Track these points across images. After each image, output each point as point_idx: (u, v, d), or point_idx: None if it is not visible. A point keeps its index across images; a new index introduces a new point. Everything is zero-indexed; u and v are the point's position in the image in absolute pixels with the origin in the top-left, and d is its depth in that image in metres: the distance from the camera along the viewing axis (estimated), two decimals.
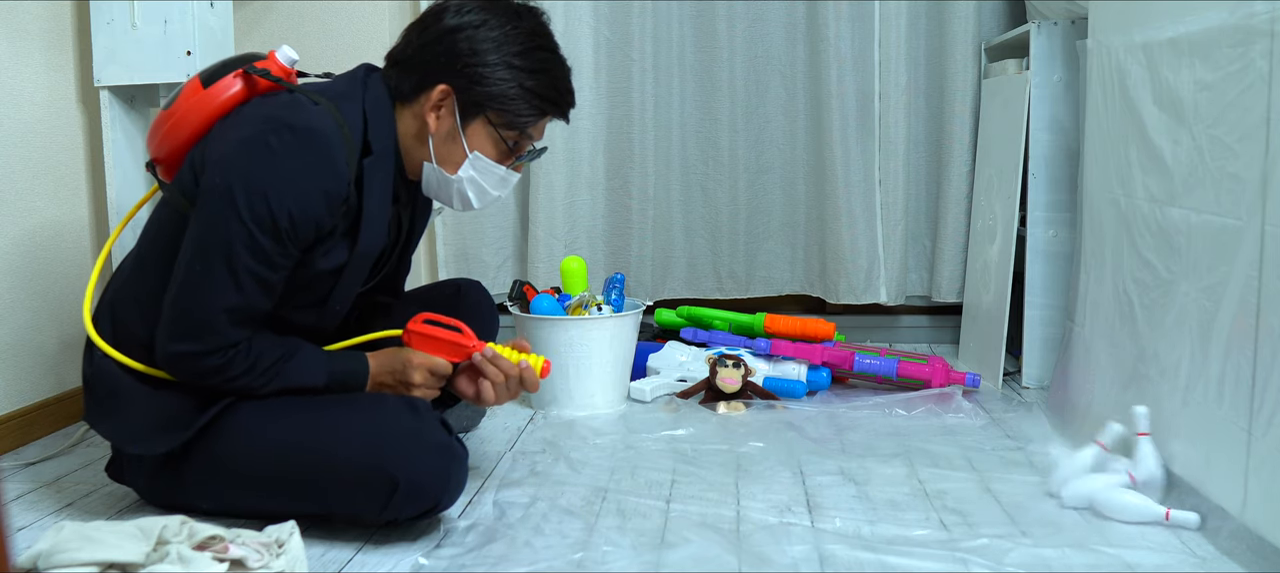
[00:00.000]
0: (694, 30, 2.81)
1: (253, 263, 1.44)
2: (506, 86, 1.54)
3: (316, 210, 1.45)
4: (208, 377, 1.50)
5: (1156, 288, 1.66)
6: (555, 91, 1.59)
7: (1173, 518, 1.50)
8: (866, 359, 2.34)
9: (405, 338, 1.63)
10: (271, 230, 1.43)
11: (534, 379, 1.63)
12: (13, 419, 2.02)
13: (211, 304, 1.45)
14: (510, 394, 1.64)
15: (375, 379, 1.60)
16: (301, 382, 1.54)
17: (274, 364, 1.52)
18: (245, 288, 1.45)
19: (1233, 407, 1.41)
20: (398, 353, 1.61)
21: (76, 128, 2.23)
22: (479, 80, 1.53)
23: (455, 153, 1.58)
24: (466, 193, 1.61)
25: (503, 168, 1.61)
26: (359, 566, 1.44)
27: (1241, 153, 1.40)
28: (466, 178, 1.59)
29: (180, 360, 1.49)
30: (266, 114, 1.47)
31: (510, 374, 1.61)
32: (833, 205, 2.77)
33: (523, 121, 1.58)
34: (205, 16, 2.11)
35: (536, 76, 1.56)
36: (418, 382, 1.59)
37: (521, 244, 2.89)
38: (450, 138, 1.57)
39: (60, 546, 1.23)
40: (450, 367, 1.61)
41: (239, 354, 1.49)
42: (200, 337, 1.47)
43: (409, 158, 1.60)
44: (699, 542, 1.48)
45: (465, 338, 1.62)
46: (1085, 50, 2.01)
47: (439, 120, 1.56)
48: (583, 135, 2.78)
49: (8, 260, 2.02)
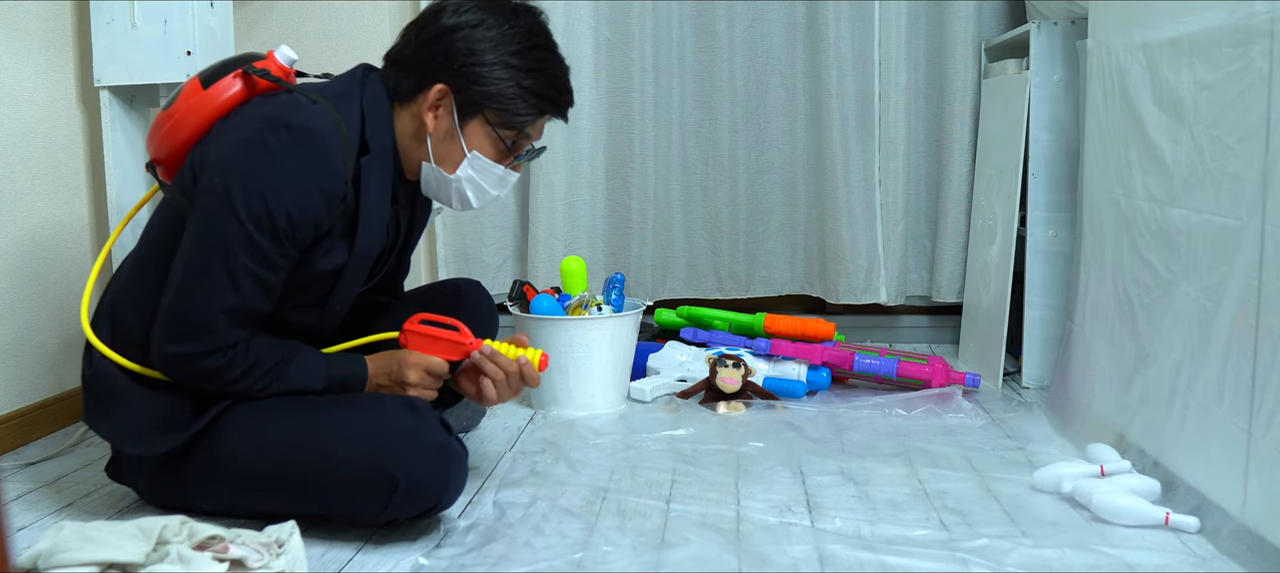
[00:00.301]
0: (694, 30, 2.81)
1: (251, 263, 1.44)
2: (504, 86, 1.54)
3: (314, 210, 1.45)
4: (206, 379, 1.50)
5: (1156, 288, 1.66)
6: (553, 90, 1.59)
7: (1173, 522, 1.49)
8: (866, 359, 2.34)
9: (402, 339, 1.63)
10: (269, 230, 1.43)
11: (534, 374, 1.63)
12: (13, 419, 2.02)
13: (210, 305, 1.45)
14: (512, 391, 1.64)
15: (373, 381, 1.60)
16: (300, 384, 1.54)
17: (274, 367, 1.52)
18: (243, 289, 1.45)
19: (1233, 407, 1.41)
20: (394, 354, 1.61)
21: (76, 128, 2.23)
22: (477, 80, 1.53)
23: (454, 152, 1.58)
24: (465, 192, 1.61)
25: (501, 167, 1.61)
26: (359, 566, 1.44)
27: (1241, 153, 1.40)
28: (465, 177, 1.59)
29: (178, 362, 1.49)
30: (264, 114, 1.47)
31: (510, 371, 1.62)
32: (833, 205, 2.77)
33: (521, 121, 1.58)
34: (205, 16, 2.11)
35: (534, 76, 1.56)
36: (414, 381, 1.59)
37: (521, 244, 2.89)
38: (448, 137, 1.57)
39: (60, 546, 1.23)
40: (447, 366, 1.61)
41: (238, 356, 1.49)
42: (198, 338, 1.47)
43: (407, 158, 1.60)
44: (699, 542, 1.48)
45: (462, 337, 1.62)
46: (1085, 50, 2.01)
47: (437, 120, 1.56)
48: (583, 135, 2.78)
49: (8, 260, 2.02)
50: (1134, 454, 1.70)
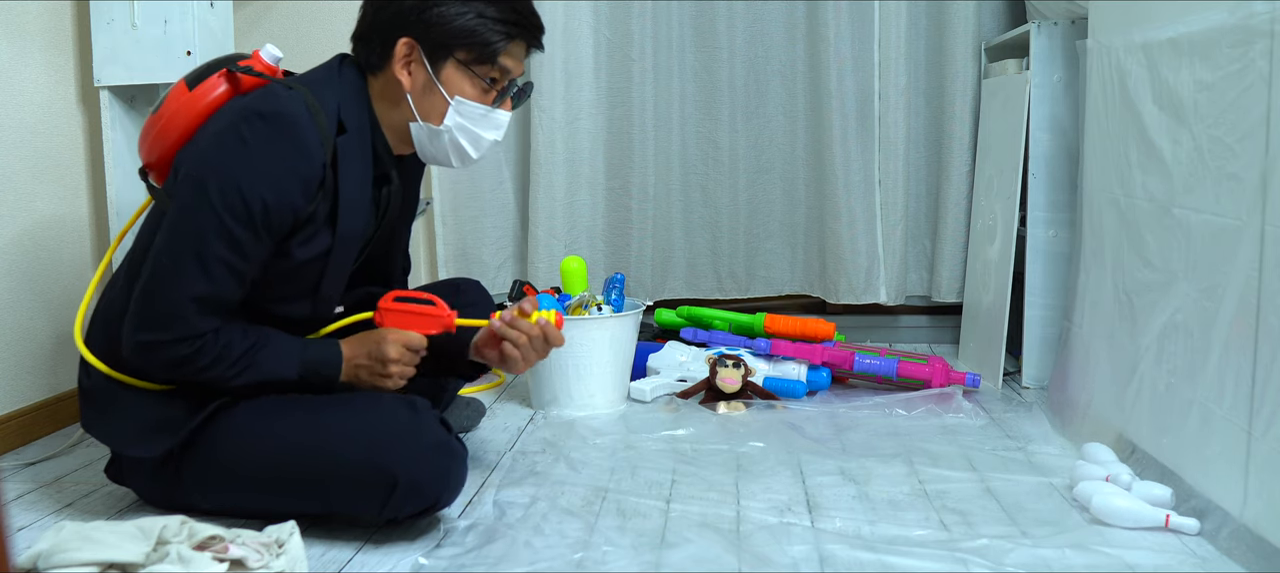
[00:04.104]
0: (694, 30, 2.81)
1: (224, 251, 1.44)
2: (465, 19, 1.54)
3: (291, 195, 1.45)
4: (175, 367, 1.49)
5: (1156, 288, 1.66)
6: (515, 13, 1.58)
7: (1173, 523, 1.49)
8: (866, 359, 2.34)
9: (377, 317, 1.63)
10: (245, 219, 1.43)
11: (556, 334, 1.63)
12: (13, 419, 2.02)
13: (180, 293, 1.45)
14: (538, 353, 1.63)
15: (350, 362, 1.58)
16: (274, 370, 1.53)
17: (244, 354, 1.50)
18: (215, 277, 1.45)
19: (1233, 407, 1.41)
20: (371, 332, 1.61)
21: (76, 128, 2.23)
22: (437, 21, 1.53)
23: (436, 103, 1.57)
24: (459, 141, 1.60)
25: (486, 106, 1.59)
26: (359, 566, 1.44)
27: (1241, 153, 1.40)
28: (454, 126, 1.58)
29: (146, 350, 1.49)
30: (241, 106, 1.48)
31: (532, 334, 1.61)
32: (833, 205, 2.77)
33: (492, 49, 1.56)
34: (205, 16, 2.11)
35: (494, 4, 1.55)
36: (394, 357, 1.57)
37: (521, 244, 2.89)
38: (427, 89, 1.56)
39: (60, 546, 1.23)
40: (425, 340, 1.61)
41: (207, 344, 1.48)
42: (168, 326, 1.46)
43: (394, 128, 1.60)
44: (699, 542, 1.48)
45: (438, 310, 1.62)
46: (1085, 50, 2.01)
47: (411, 75, 1.56)
48: (583, 135, 2.78)
49: (8, 261, 2.02)
50: (1133, 454, 1.70)
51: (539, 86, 2.69)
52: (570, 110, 2.76)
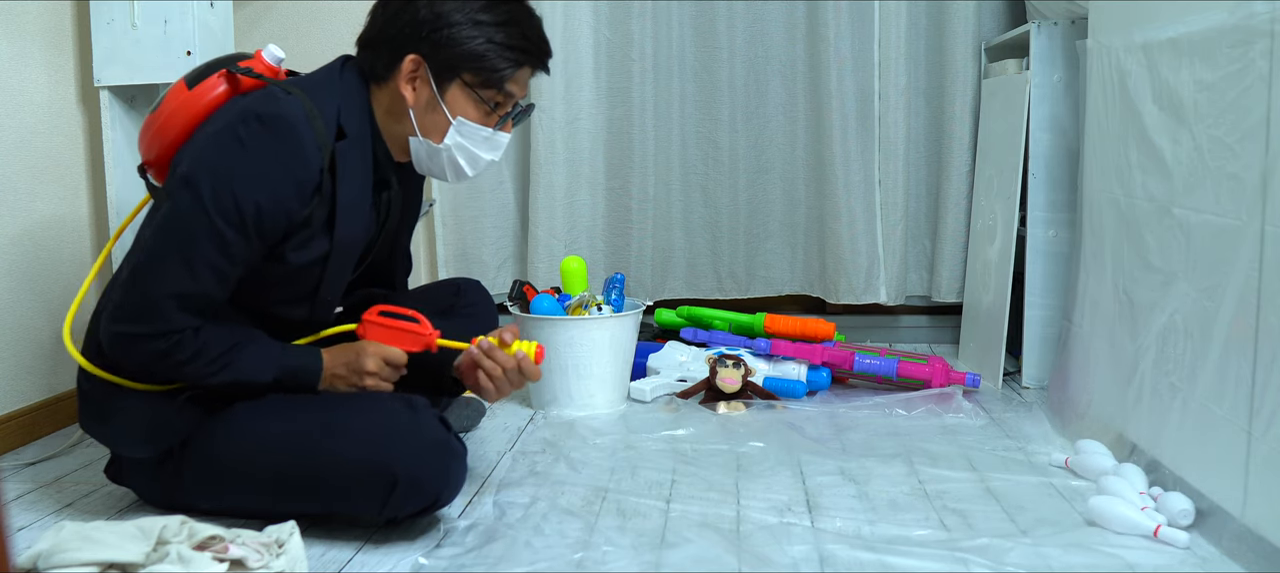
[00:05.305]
0: (694, 30, 2.81)
1: (211, 251, 1.44)
2: (475, 44, 1.53)
3: (286, 199, 1.45)
4: (151, 362, 1.48)
5: (1156, 288, 1.66)
6: (525, 40, 1.58)
7: (1163, 534, 1.46)
8: (866, 359, 2.34)
9: (360, 329, 1.63)
10: (237, 222, 1.43)
11: (532, 368, 1.62)
12: (13, 419, 2.02)
13: (162, 289, 1.44)
14: (512, 384, 1.63)
15: (330, 372, 1.58)
16: (251, 373, 1.52)
17: (222, 354, 1.50)
18: (199, 276, 1.44)
19: (1233, 407, 1.41)
20: (352, 344, 1.61)
21: (77, 128, 2.23)
22: (447, 43, 1.53)
23: (438, 121, 1.57)
24: (457, 160, 1.60)
25: (488, 129, 1.60)
26: (359, 566, 1.44)
27: (1241, 153, 1.40)
28: (454, 145, 1.58)
29: (123, 341, 1.48)
30: (240, 107, 1.48)
31: (506, 366, 1.61)
32: (833, 205, 2.77)
33: (499, 76, 1.56)
34: (205, 16, 2.11)
35: (504, 29, 1.55)
36: (372, 370, 1.58)
37: (521, 244, 2.89)
38: (430, 107, 1.56)
39: (60, 546, 1.23)
40: (405, 356, 1.61)
41: (184, 340, 1.47)
42: (147, 320, 1.46)
43: (394, 138, 1.60)
44: (699, 542, 1.48)
45: (421, 328, 1.62)
46: (1085, 50, 2.01)
47: (415, 92, 1.56)
48: (583, 135, 2.78)
49: (8, 260, 2.02)
50: (1134, 454, 1.70)
51: (539, 86, 2.69)
52: (570, 110, 2.76)
